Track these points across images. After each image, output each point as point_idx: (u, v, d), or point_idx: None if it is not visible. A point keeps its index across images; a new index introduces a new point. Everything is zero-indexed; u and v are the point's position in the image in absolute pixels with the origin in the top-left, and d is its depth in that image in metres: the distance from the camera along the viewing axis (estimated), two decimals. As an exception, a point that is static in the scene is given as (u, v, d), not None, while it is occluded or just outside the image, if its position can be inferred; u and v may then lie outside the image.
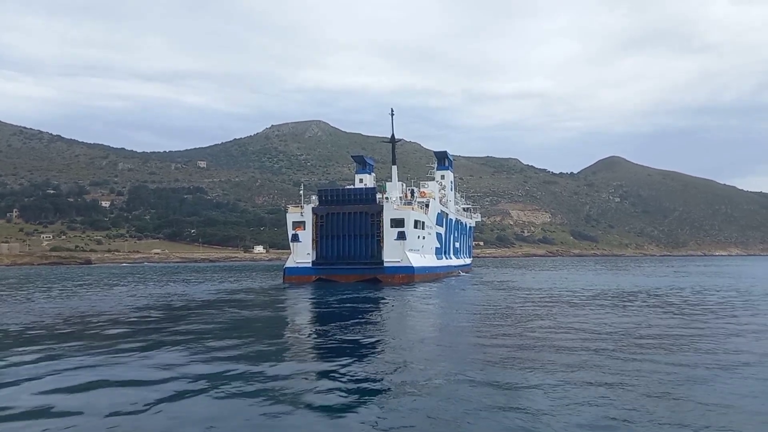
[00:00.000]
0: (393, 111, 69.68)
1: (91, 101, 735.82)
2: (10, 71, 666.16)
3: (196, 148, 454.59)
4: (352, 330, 21.37)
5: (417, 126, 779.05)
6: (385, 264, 53.63)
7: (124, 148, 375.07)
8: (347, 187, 63.60)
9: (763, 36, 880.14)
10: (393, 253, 53.62)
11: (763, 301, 32.44)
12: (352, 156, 78.12)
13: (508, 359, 15.24)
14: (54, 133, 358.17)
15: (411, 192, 65.56)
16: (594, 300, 33.93)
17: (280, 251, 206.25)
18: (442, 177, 79.36)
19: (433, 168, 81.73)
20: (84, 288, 49.75)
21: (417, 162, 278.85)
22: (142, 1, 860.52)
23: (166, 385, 12.60)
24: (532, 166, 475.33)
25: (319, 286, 50.02)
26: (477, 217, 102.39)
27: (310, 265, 55.11)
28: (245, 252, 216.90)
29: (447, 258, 72.31)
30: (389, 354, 16.54)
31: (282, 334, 22.22)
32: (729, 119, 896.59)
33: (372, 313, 27.80)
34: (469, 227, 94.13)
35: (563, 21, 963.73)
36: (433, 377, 13.22)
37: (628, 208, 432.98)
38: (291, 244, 56.80)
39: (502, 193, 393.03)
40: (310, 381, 13.01)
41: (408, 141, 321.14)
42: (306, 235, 55.53)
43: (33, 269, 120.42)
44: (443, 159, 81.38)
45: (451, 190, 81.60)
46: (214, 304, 33.16)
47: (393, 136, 71.27)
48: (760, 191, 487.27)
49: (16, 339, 19.84)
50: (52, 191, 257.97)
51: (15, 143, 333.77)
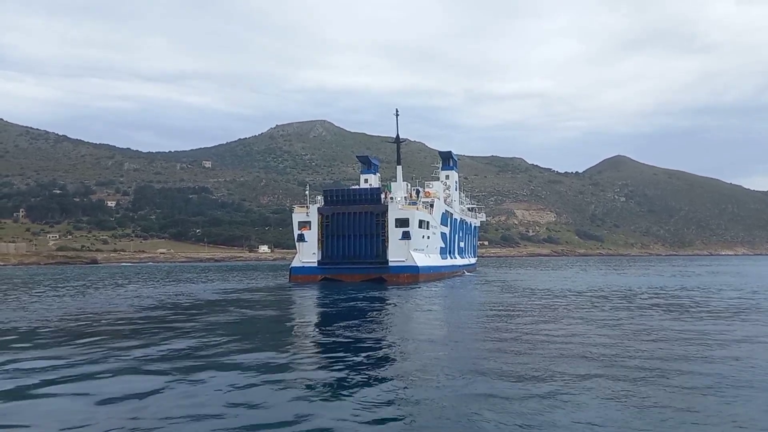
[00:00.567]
0: (398, 112, 69.99)
1: (93, 102, 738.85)
2: (12, 72, 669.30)
3: (201, 148, 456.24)
4: (358, 330, 21.53)
5: (419, 126, 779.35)
6: (390, 263, 53.91)
7: (129, 148, 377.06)
8: (352, 188, 64.09)
9: (764, 36, 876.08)
10: (398, 253, 53.89)
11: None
12: (357, 156, 78.45)
13: (513, 360, 15.34)
14: (60, 134, 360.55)
15: (416, 192, 65.78)
16: (600, 301, 33.97)
17: (284, 251, 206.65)
18: (446, 177, 79.58)
19: (438, 168, 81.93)
20: (91, 288, 50.10)
21: (422, 162, 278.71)
22: (142, 2, 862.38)
23: (169, 384, 12.66)
24: (536, 165, 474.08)
25: (325, 285, 50.37)
26: (482, 217, 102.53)
27: (315, 265, 55.47)
28: (250, 252, 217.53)
29: (452, 258, 72.43)
30: (395, 355, 16.68)
31: (289, 333, 22.40)
32: (730, 119, 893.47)
33: (377, 313, 27.97)
34: (474, 227, 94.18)
35: (564, 21, 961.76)
36: (439, 377, 13.31)
37: (633, 207, 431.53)
38: (297, 243, 57.15)
39: (506, 193, 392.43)
40: (316, 381, 13.09)
41: (412, 141, 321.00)
42: (312, 235, 55.87)
43: (40, 269, 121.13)
44: (448, 159, 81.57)
45: (456, 189, 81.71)
46: (220, 303, 33.39)
47: (398, 136, 71.59)
48: (766, 190, 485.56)
49: (22, 338, 20.07)
50: (58, 191, 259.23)
51: (21, 143, 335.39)
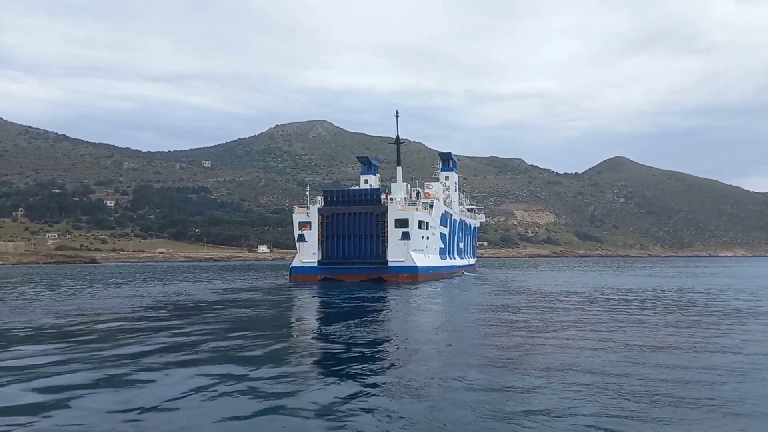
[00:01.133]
0: (398, 113, 70.20)
1: (94, 102, 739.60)
2: (14, 71, 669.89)
3: (200, 147, 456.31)
4: (358, 329, 21.63)
5: (419, 126, 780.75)
6: (390, 264, 54.16)
7: (129, 147, 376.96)
8: (353, 188, 64.42)
9: (764, 36, 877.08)
10: (397, 253, 54.13)
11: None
12: (357, 157, 78.68)
13: (512, 360, 15.45)
14: (60, 133, 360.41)
15: (416, 193, 66.01)
16: (599, 301, 34.11)
17: (284, 251, 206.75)
18: (446, 178, 79.83)
19: (438, 169, 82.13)
20: (90, 287, 50.17)
21: (421, 162, 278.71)
22: (143, 2, 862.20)
23: (171, 383, 12.70)
24: (536, 166, 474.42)
25: (325, 285, 50.54)
26: (481, 218, 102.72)
27: (315, 265, 55.72)
28: (249, 251, 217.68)
29: (451, 258, 72.59)
30: (395, 354, 16.78)
31: (289, 333, 22.52)
32: (730, 120, 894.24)
33: (377, 313, 28.08)
34: (474, 228, 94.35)
35: (564, 21, 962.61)
36: (439, 377, 13.38)
37: (632, 208, 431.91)
38: (297, 243, 57.40)
39: (506, 193, 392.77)
40: (315, 381, 13.15)
41: (412, 141, 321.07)
42: (312, 235, 56.12)
43: (38, 268, 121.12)
44: (448, 160, 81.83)
45: (456, 190, 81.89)
46: (221, 303, 33.46)
47: (398, 137, 71.81)
48: (765, 191, 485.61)
49: (19, 338, 20.15)
50: (57, 190, 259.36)
51: (21, 143, 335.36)
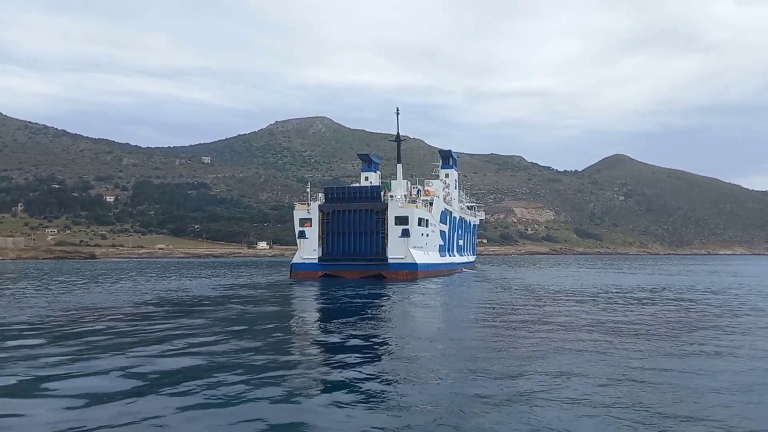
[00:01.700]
0: (398, 110, 70.50)
1: (94, 97, 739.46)
2: (14, 66, 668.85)
3: (200, 143, 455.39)
4: (357, 326, 21.79)
5: (419, 123, 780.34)
6: (390, 261, 54.42)
7: (128, 143, 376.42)
8: (353, 185, 64.59)
9: (764, 36, 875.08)
10: (397, 250, 54.38)
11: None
12: (358, 154, 78.88)
13: (508, 358, 15.57)
14: (59, 128, 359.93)
15: (416, 191, 66.26)
16: (598, 298, 34.26)
17: (283, 247, 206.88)
18: (446, 175, 80.00)
19: (438, 166, 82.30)
20: (91, 283, 50.28)
21: (421, 159, 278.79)
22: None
23: (171, 381, 12.76)
24: (536, 163, 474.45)
25: (325, 281, 50.83)
26: (481, 215, 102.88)
27: (316, 261, 56.05)
28: (249, 248, 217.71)
29: (450, 255, 72.80)
30: (392, 351, 16.92)
31: (289, 329, 22.64)
32: (730, 119, 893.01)
33: (376, 309, 28.27)
34: (473, 225, 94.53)
35: (564, 21, 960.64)
36: (436, 374, 13.50)
37: (632, 206, 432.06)
38: (298, 240, 57.70)
39: (505, 191, 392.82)
40: (315, 378, 13.23)
41: (412, 138, 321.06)
42: (312, 232, 56.41)
43: (38, 264, 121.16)
44: (448, 158, 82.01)
45: (455, 188, 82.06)
46: (223, 299, 33.61)
47: (398, 135, 72.01)
48: (764, 190, 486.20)
49: (19, 334, 20.23)
50: (56, 186, 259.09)
51: (20, 138, 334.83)
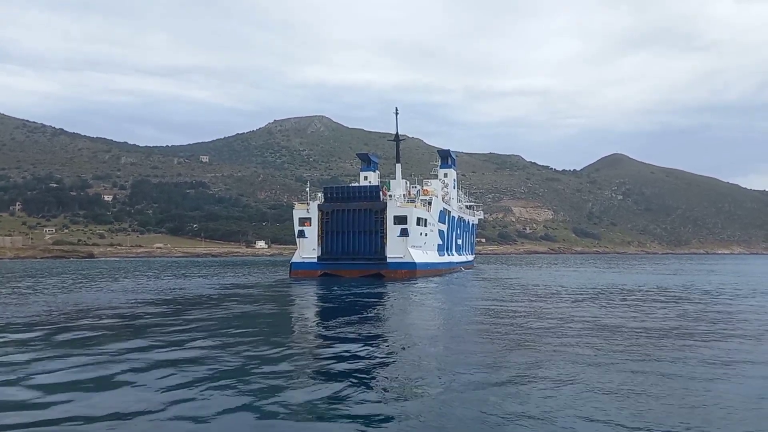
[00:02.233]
0: (397, 110, 70.67)
1: (94, 96, 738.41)
2: (12, 65, 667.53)
3: (198, 142, 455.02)
4: (356, 325, 21.83)
5: (418, 122, 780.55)
6: (389, 260, 54.63)
7: (126, 142, 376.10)
8: (352, 185, 64.84)
9: (764, 35, 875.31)
10: (396, 249, 54.59)
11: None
12: (357, 154, 79.19)
13: (506, 356, 15.59)
14: (57, 127, 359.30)
15: (415, 190, 66.52)
16: (597, 297, 34.34)
17: (282, 246, 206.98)
18: (445, 175, 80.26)
19: (437, 166, 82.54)
20: (89, 282, 50.29)
21: (419, 158, 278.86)
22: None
23: (173, 381, 12.74)
24: (534, 163, 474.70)
25: (325, 280, 50.94)
26: (479, 215, 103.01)
27: (315, 261, 56.23)
28: (247, 247, 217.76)
29: (449, 254, 72.99)
30: (393, 351, 16.91)
31: (290, 328, 22.69)
32: (730, 118, 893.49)
33: (376, 308, 28.33)
34: (472, 224, 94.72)
35: (564, 20, 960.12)
36: (437, 374, 13.51)
37: (630, 205, 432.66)
38: (297, 239, 57.90)
39: (504, 190, 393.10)
40: (315, 377, 13.22)
41: (411, 137, 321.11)
42: (312, 231, 56.59)
43: (36, 263, 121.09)
44: (446, 157, 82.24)
45: (454, 188, 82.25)
46: (223, 298, 33.63)
47: (397, 134, 72.17)
48: (763, 189, 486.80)
49: (15, 333, 20.25)
50: (55, 185, 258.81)
51: (18, 136, 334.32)
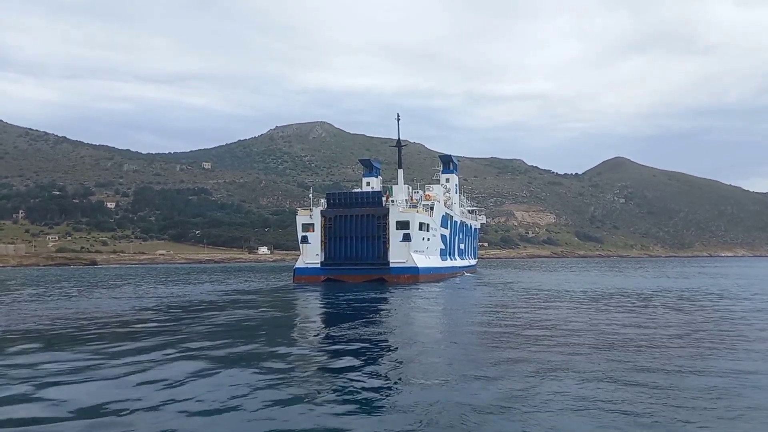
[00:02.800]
0: (399, 116, 71.19)
1: (94, 103, 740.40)
2: (13, 73, 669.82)
3: (200, 149, 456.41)
4: (361, 330, 21.88)
5: (419, 127, 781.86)
6: (391, 265, 54.84)
7: (129, 149, 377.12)
8: (355, 191, 65.28)
9: (763, 38, 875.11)
10: (398, 254, 54.83)
11: None
12: (359, 160, 79.75)
13: (514, 362, 15.61)
14: (60, 135, 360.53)
15: (418, 196, 66.91)
16: (600, 301, 34.36)
17: (284, 252, 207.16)
18: (447, 180, 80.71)
19: (439, 171, 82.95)
20: (93, 289, 50.42)
21: (421, 163, 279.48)
22: (142, 2, 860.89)
23: (179, 384, 12.81)
24: (536, 167, 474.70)
25: (328, 286, 51.15)
26: (482, 219, 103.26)
27: (319, 266, 56.52)
28: (250, 253, 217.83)
29: (452, 259, 73.12)
30: (398, 356, 16.94)
31: (294, 334, 22.71)
32: (730, 121, 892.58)
33: (379, 313, 28.40)
34: (474, 229, 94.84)
35: (563, 23, 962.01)
36: (442, 380, 13.53)
37: (633, 209, 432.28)
38: (301, 245, 58.34)
39: (506, 194, 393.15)
40: (320, 382, 13.26)
41: (412, 142, 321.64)
42: (315, 237, 56.90)
43: (39, 270, 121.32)
44: (448, 163, 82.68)
45: (456, 192, 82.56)
46: (228, 304, 33.70)
47: (399, 140, 72.59)
48: (765, 192, 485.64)
49: (21, 341, 20.39)
50: (57, 192, 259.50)
51: (21, 145, 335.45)
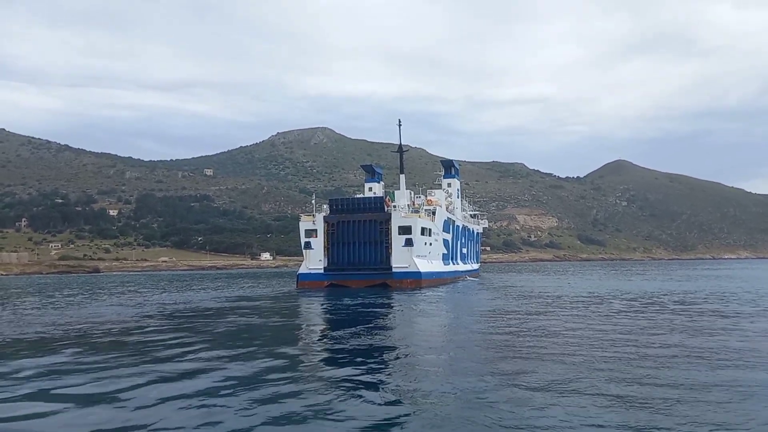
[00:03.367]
0: (400, 122, 71.92)
1: (96, 111, 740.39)
2: (15, 82, 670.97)
3: (202, 156, 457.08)
4: (364, 335, 22.08)
5: (420, 132, 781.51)
6: (394, 269, 55.04)
7: (131, 156, 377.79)
8: (357, 196, 65.48)
9: (762, 40, 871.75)
10: (401, 259, 55.03)
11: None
12: (361, 166, 79.97)
13: (512, 365, 15.74)
14: (62, 143, 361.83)
15: (420, 200, 67.13)
16: (603, 304, 34.45)
17: (287, 258, 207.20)
18: (448, 185, 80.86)
19: (440, 176, 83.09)
20: (96, 296, 50.64)
21: (422, 168, 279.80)
22: (144, 10, 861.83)
23: (179, 391, 12.90)
24: (538, 170, 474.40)
25: (331, 291, 51.39)
26: (484, 224, 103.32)
27: (322, 272, 56.75)
28: (252, 259, 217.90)
29: (454, 263, 73.28)
30: (402, 360, 17.13)
31: (299, 338, 22.93)
32: (731, 123, 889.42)
33: (382, 318, 28.63)
34: (477, 233, 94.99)
35: (563, 27, 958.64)
36: (444, 383, 13.61)
37: (635, 211, 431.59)
38: (304, 251, 58.55)
39: (508, 198, 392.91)
40: (324, 387, 13.34)
41: (413, 147, 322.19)
42: (318, 243, 57.11)
43: (42, 278, 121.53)
44: (450, 167, 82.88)
45: (458, 197, 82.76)
46: (232, 310, 33.88)
47: (401, 146, 72.88)
48: (767, 194, 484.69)
49: (27, 347, 20.54)
50: (60, 200, 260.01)
51: (24, 153, 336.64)
